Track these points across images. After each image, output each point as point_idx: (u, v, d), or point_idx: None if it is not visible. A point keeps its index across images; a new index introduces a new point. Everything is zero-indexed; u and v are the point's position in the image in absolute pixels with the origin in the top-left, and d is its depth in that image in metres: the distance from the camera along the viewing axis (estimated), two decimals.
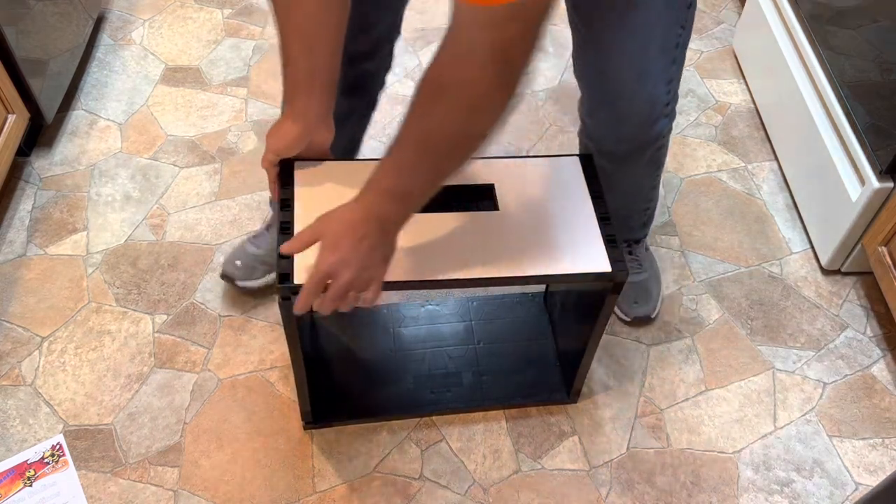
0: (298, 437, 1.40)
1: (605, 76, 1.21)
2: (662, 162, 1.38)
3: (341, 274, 0.96)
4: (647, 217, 1.54)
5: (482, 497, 1.35)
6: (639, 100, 1.21)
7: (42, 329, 1.52)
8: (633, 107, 1.22)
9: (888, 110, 1.44)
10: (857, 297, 1.64)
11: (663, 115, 1.25)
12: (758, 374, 1.52)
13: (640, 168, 1.35)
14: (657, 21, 1.13)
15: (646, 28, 1.13)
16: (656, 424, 1.45)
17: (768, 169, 1.88)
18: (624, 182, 1.35)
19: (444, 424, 1.43)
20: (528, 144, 1.90)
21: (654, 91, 1.20)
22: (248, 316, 1.56)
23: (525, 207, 1.21)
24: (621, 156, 1.30)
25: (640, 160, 1.32)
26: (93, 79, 2.00)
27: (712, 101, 2.03)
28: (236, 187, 1.78)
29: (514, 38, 0.80)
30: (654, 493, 1.36)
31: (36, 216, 1.70)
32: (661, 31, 1.15)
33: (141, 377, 1.47)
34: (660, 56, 1.17)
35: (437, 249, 1.14)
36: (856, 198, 1.53)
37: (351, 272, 0.97)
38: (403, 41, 2.15)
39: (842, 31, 1.59)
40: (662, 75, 1.19)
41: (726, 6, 2.30)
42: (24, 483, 1.32)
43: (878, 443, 1.44)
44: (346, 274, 0.96)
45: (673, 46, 1.17)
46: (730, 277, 1.67)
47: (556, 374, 1.47)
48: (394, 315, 1.54)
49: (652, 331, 1.58)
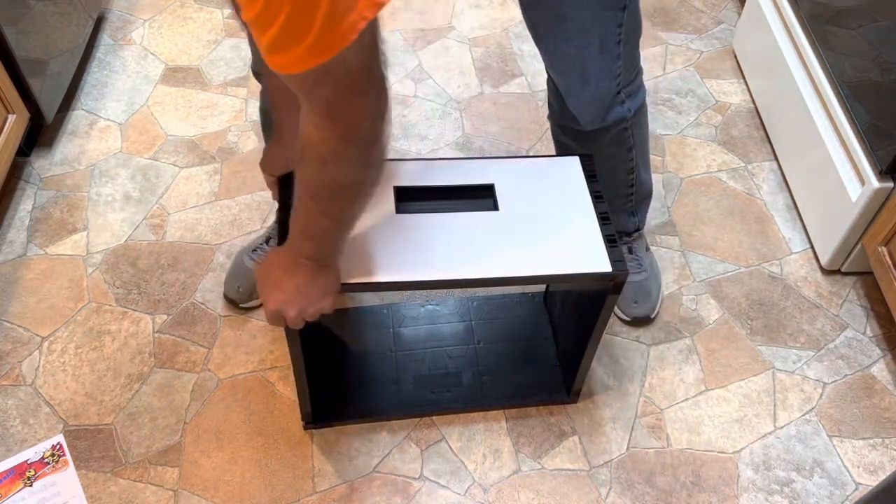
0: (298, 437, 1.40)
1: (554, 75, 1.29)
2: (632, 143, 1.39)
3: (287, 312, 1.06)
4: (633, 205, 1.52)
5: (482, 497, 1.35)
6: (586, 96, 1.28)
7: (42, 329, 1.52)
8: (581, 103, 1.29)
9: (888, 110, 1.44)
10: (857, 297, 1.64)
11: (616, 103, 1.30)
12: (758, 374, 1.52)
13: (604, 147, 1.37)
14: (591, 26, 1.19)
15: (580, 34, 1.20)
16: (656, 424, 1.45)
17: (768, 169, 1.88)
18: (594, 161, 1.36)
19: (444, 424, 1.43)
20: (528, 144, 1.90)
21: (598, 90, 1.27)
22: (248, 316, 1.56)
23: (525, 207, 1.21)
24: (584, 134, 1.34)
25: (602, 139, 1.36)
26: (93, 79, 2.00)
27: (712, 101, 2.03)
28: (236, 187, 1.78)
29: (328, 99, 0.82)
30: (654, 493, 1.36)
31: (36, 216, 1.70)
32: (598, 34, 1.20)
33: (141, 377, 1.47)
34: (600, 57, 1.22)
35: (437, 249, 1.14)
36: (856, 198, 1.53)
37: (295, 308, 1.06)
38: (403, 41, 2.16)
39: (842, 31, 1.59)
40: (605, 74, 1.25)
41: (726, 6, 2.30)
42: (24, 483, 1.32)
43: (878, 443, 1.44)
44: (291, 311, 1.06)
45: (614, 44, 1.22)
46: (730, 277, 1.67)
47: (556, 374, 1.47)
48: (394, 315, 1.54)
49: (652, 331, 1.58)
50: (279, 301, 1.06)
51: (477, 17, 2.23)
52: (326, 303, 1.08)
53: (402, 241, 1.14)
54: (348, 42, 0.74)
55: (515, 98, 2.01)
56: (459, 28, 2.20)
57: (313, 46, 0.74)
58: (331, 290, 1.08)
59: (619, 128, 1.34)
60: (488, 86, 2.04)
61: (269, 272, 1.08)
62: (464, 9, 2.26)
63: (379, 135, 0.88)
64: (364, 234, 1.15)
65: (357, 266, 1.12)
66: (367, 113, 0.85)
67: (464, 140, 1.90)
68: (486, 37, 2.18)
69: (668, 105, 2.01)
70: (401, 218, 1.18)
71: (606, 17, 1.18)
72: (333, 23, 0.73)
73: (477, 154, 1.88)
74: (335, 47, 0.74)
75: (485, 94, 2.02)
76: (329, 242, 1.03)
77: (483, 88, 2.03)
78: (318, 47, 0.74)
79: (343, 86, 0.80)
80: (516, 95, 2.02)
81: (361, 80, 0.82)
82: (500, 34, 2.18)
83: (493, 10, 2.25)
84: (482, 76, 2.07)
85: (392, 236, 1.16)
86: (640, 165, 1.44)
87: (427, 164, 1.26)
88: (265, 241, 1.58)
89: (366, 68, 0.81)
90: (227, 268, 1.61)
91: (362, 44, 0.76)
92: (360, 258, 1.13)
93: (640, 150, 1.42)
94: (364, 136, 0.87)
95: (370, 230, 1.15)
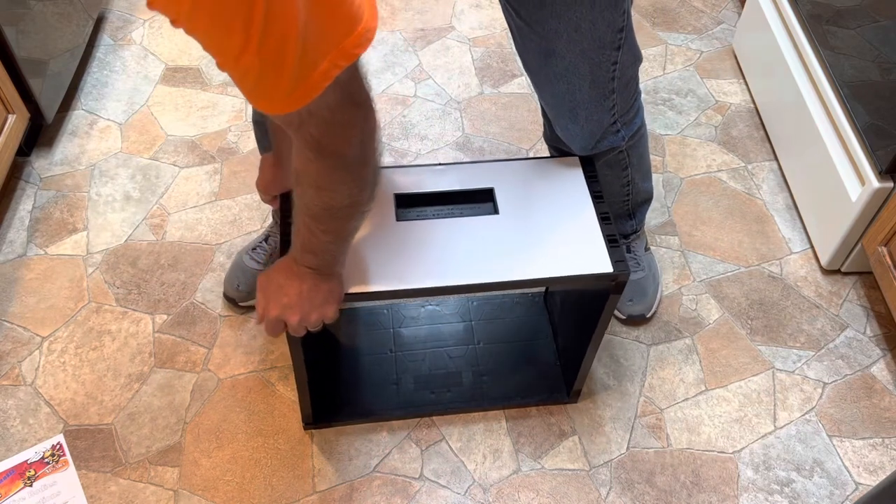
0: (298, 437, 1.40)
1: (545, 107, 1.28)
2: (627, 164, 1.37)
3: (290, 317, 1.06)
4: (629, 209, 1.52)
5: (482, 497, 1.35)
6: (575, 130, 1.25)
7: (42, 329, 1.52)
8: (571, 134, 1.26)
9: (888, 110, 1.44)
10: (856, 297, 1.64)
11: (610, 133, 1.27)
12: (758, 373, 1.52)
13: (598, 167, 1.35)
14: (580, 65, 1.15)
15: (568, 74, 1.16)
16: (656, 424, 1.45)
17: (768, 169, 1.88)
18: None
19: (444, 424, 1.43)
20: (529, 144, 1.90)
21: (588, 123, 1.23)
22: (248, 316, 1.56)
23: (525, 210, 1.21)
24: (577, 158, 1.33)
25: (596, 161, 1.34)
26: (93, 79, 2.00)
27: (712, 101, 2.03)
28: (236, 187, 1.78)
29: (316, 136, 0.84)
30: (654, 493, 1.36)
31: (36, 216, 1.70)
32: (589, 73, 1.16)
33: (141, 377, 1.47)
34: (591, 94, 1.19)
35: (438, 256, 1.14)
36: (856, 198, 1.53)
37: (298, 314, 1.06)
38: (403, 41, 2.16)
39: (842, 31, 1.59)
40: (597, 109, 1.22)
41: (726, 6, 2.30)
42: (24, 483, 1.32)
43: (878, 443, 1.44)
44: (294, 316, 1.06)
45: (608, 81, 1.18)
46: (730, 277, 1.67)
47: (556, 374, 1.47)
48: (394, 315, 1.54)
49: (652, 331, 1.58)
50: (282, 305, 1.06)
51: (477, 17, 2.23)
52: (329, 310, 1.08)
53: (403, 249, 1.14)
54: (322, 89, 0.77)
55: (515, 98, 2.01)
56: (459, 28, 2.20)
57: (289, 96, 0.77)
58: (334, 298, 1.08)
59: (614, 152, 1.32)
60: (488, 86, 2.04)
61: (271, 278, 1.08)
62: (464, 9, 2.26)
63: (369, 157, 0.91)
64: (365, 242, 1.15)
65: (359, 275, 1.12)
66: (354, 141, 0.87)
67: (464, 140, 1.90)
68: (486, 37, 2.18)
69: (668, 105, 2.01)
70: (401, 225, 1.18)
71: (598, 56, 1.14)
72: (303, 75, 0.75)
73: (477, 154, 1.88)
74: (311, 94, 0.77)
75: (485, 94, 2.02)
76: (330, 255, 1.05)
77: (483, 88, 2.03)
78: (294, 97, 0.77)
79: (327, 123, 0.83)
80: (516, 95, 2.02)
81: (346, 114, 0.84)
82: (500, 34, 2.18)
83: (493, 10, 2.25)
84: (482, 76, 2.07)
85: (393, 244, 1.16)
86: (636, 179, 1.43)
87: (426, 170, 1.26)
88: (264, 240, 1.58)
89: (349, 103, 0.83)
90: (227, 268, 1.61)
91: (339, 83, 0.78)
92: (361, 267, 1.13)
93: (637, 167, 1.41)
94: (353, 162, 0.89)
95: (371, 238, 1.15)
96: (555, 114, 1.25)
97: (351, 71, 0.80)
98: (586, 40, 1.11)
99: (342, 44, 0.76)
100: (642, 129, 1.35)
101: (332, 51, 0.76)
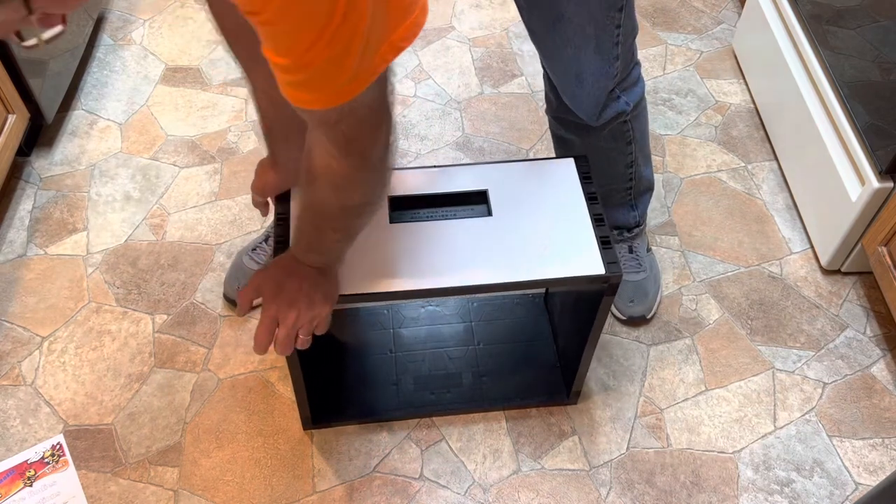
0: (298, 437, 1.40)
1: (551, 73, 1.31)
2: (632, 137, 1.40)
3: (288, 315, 1.04)
4: (632, 198, 1.52)
5: (482, 497, 1.35)
6: (582, 96, 1.29)
7: (42, 329, 1.52)
8: (578, 101, 1.30)
9: (888, 110, 1.44)
10: (856, 297, 1.64)
11: (612, 99, 1.30)
12: (758, 374, 1.52)
13: (602, 140, 1.38)
14: (587, 28, 1.19)
15: (576, 38, 1.20)
16: (656, 424, 1.45)
17: (768, 169, 1.88)
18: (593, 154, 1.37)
19: (444, 424, 1.43)
20: (528, 144, 1.90)
21: (594, 89, 1.27)
22: (248, 316, 1.56)
23: (519, 212, 1.21)
24: (582, 127, 1.36)
25: (600, 132, 1.36)
26: (93, 79, 2.00)
27: (712, 101, 2.03)
28: (236, 187, 1.78)
29: (348, 134, 0.84)
30: (654, 493, 1.36)
31: (36, 216, 1.70)
32: (594, 36, 1.20)
33: (141, 377, 1.47)
34: (596, 58, 1.23)
35: (431, 258, 1.14)
36: (856, 198, 1.53)
37: (296, 312, 1.04)
38: None
39: (842, 31, 1.59)
40: (602, 74, 1.26)
41: (726, 6, 2.30)
42: (24, 483, 1.32)
43: (878, 443, 1.44)
44: (291, 315, 1.04)
45: (612, 46, 1.22)
46: (730, 277, 1.67)
47: (555, 374, 1.47)
48: (394, 316, 1.54)
49: (652, 331, 1.58)
50: (280, 301, 1.05)
51: (477, 17, 2.23)
52: (325, 310, 1.07)
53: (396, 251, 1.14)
54: (369, 84, 0.77)
55: (515, 98, 2.01)
56: (459, 28, 2.20)
57: (341, 89, 0.76)
58: (331, 298, 1.08)
59: (618, 121, 1.35)
60: (488, 86, 2.04)
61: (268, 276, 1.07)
62: (464, 9, 2.26)
63: (389, 157, 0.92)
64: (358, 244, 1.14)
65: (353, 277, 1.12)
66: (381, 143, 0.88)
67: (464, 140, 1.90)
68: (486, 37, 2.18)
69: (668, 105, 2.01)
70: (394, 227, 1.18)
71: (604, 18, 1.18)
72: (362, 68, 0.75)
73: (477, 154, 1.88)
74: (360, 88, 0.77)
75: (485, 94, 2.02)
76: (335, 253, 1.06)
77: (483, 88, 2.03)
78: (345, 90, 0.77)
79: (361, 122, 0.83)
80: (516, 95, 2.02)
81: (379, 114, 0.85)
82: (500, 34, 2.18)
83: (493, 10, 2.25)
84: (482, 76, 2.07)
85: (386, 246, 1.16)
86: (639, 159, 1.45)
87: (420, 173, 1.26)
88: (265, 240, 1.58)
89: (383, 103, 0.84)
90: (227, 268, 1.61)
91: (380, 80, 0.79)
92: (353, 269, 1.13)
93: (640, 144, 1.43)
94: (376, 163, 0.90)
95: (364, 241, 1.15)
96: (562, 82, 1.29)
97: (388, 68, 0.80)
98: (593, 2, 1.16)
99: (391, 37, 0.76)
100: (643, 102, 1.38)
101: (383, 44, 0.76)
